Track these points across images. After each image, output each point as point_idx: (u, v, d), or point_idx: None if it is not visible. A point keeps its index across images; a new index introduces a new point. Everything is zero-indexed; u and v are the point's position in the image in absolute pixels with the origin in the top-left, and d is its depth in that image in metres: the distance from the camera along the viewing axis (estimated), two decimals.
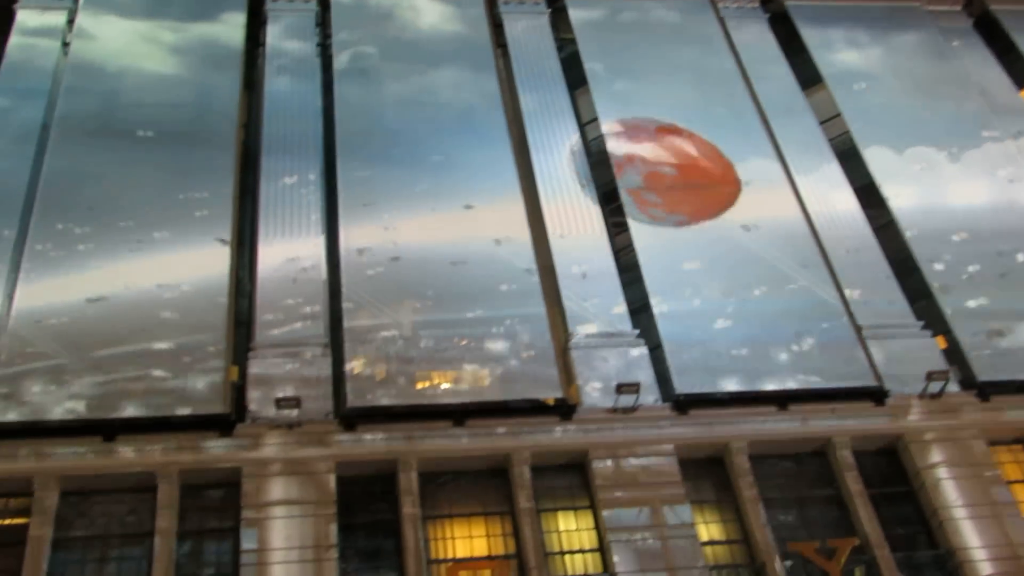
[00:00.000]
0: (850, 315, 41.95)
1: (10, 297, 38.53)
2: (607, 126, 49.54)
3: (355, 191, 44.29)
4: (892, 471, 38.45)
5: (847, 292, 42.70)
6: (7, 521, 33.96)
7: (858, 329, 41.37)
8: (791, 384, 39.43)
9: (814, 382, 39.58)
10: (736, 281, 42.88)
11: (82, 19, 51.05)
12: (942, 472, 37.38)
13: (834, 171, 48.17)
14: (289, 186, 44.07)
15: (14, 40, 49.34)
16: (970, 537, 35.77)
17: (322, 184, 45.00)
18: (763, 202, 46.51)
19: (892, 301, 42.75)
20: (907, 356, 40.49)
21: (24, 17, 50.62)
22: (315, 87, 49.68)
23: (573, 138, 49.07)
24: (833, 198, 46.76)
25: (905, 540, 36.64)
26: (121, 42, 50.46)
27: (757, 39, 55.52)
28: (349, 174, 45.02)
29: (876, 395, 39.30)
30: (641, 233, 44.34)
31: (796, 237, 45.04)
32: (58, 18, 50.93)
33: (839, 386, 39.52)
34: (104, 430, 35.00)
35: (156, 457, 34.61)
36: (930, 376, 38.92)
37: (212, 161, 44.84)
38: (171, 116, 47.12)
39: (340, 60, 51.12)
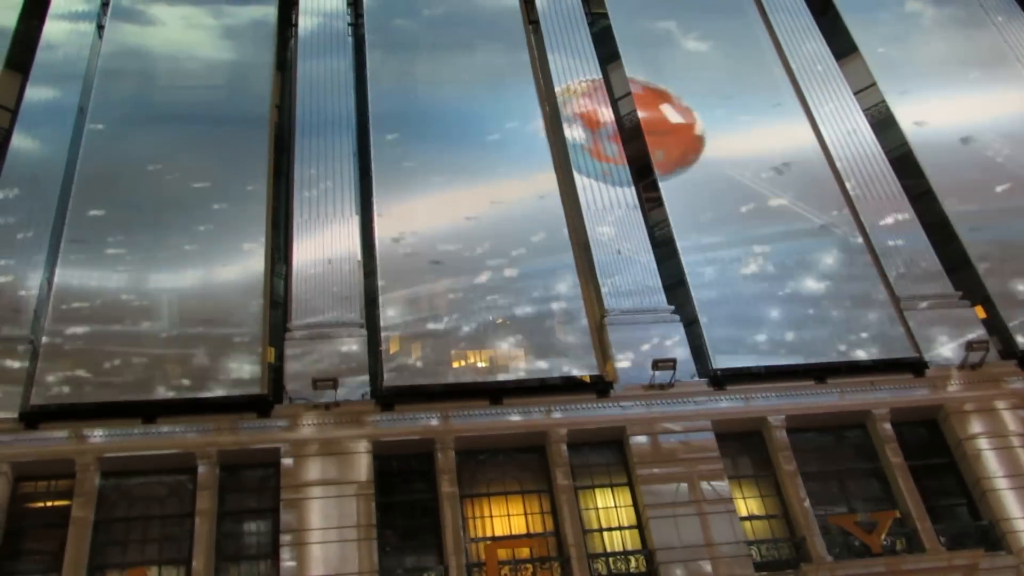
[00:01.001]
0: (888, 286, 41.58)
1: (49, 282, 38.86)
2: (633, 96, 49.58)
3: (389, 170, 44.33)
4: (932, 442, 38.24)
5: (884, 263, 42.26)
6: (50, 503, 34.38)
7: (896, 300, 41.02)
8: (829, 357, 39.23)
9: (852, 355, 39.36)
10: (771, 255, 42.67)
11: (116, 2, 51.16)
12: (983, 443, 37.11)
13: (869, 141, 47.55)
14: (323, 167, 44.11)
15: (50, 24, 49.51)
16: (1013, 507, 35.59)
17: (356, 164, 45.07)
18: (800, 173, 46.07)
19: (930, 271, 42.26)
20: (946, 326, 40.17)
21: (60, 0, 50.77)
22: (347, 67, 49.65)
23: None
24: (869, 169, 46.17)
25: (947, 512, 36.52)
26: (155, 25, 50.69)
27: (790, 8, 54.78)
28: (383, 153, 45.03)
29: (915, 366, 39.03)
30: (676, 207, 44.15)
31: (832, 208, 44.63)
32: (93, 1, 51.00)
33: (878, 358, 39.32)
34: (144, 412, 35.39)
35: (195, 438, 34.94)
36: (970, 346, 38.56)
37: (247, 143, 45.03)
38: (205, 98, 47.42)
39: (372, 39, 51.02)
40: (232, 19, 51.47)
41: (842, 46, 53.00)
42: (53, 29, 49.29)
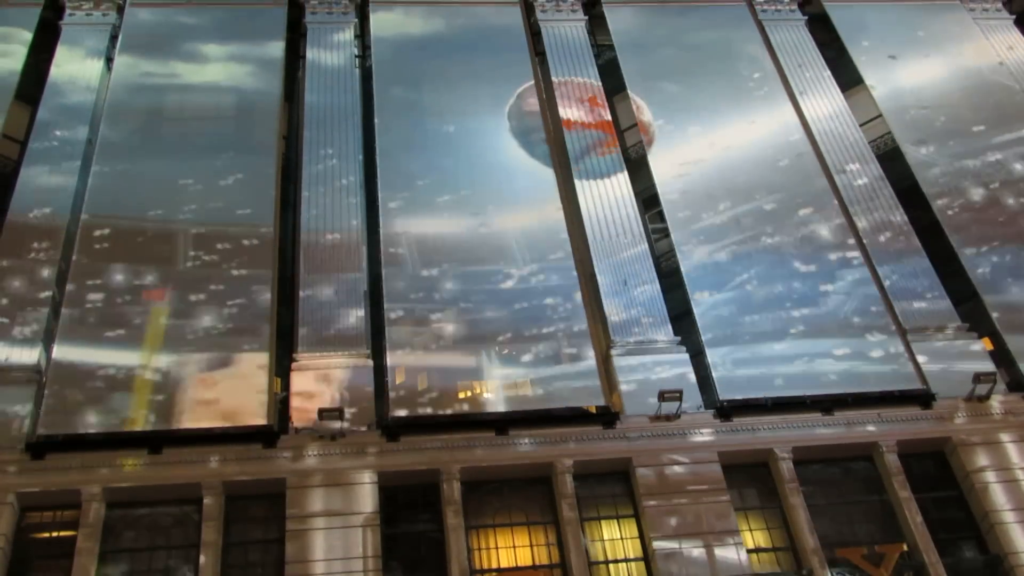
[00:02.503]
0: (895, 318, 41.54)
1: (56, 312, 38.91)
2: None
3: (396, 201, 44.40)
4: (940, 475, 38.06)
5: (891, 295, 42.25)
6: (55, 533, 34.23)
7: (903, 332, 40.97)
8: (835, 389, 39.12)
9: (859, 386, 39.25)
10: (778, 285, 42.67)
11: (125, 36, 51.37)
12: (991, 475, 36.95)
13: (875, 173, 47.57)
14: (329, 198, 44.21)
15: (59, 56, 49.80)
16: (1020, 541, 35.40)
17: (363, 195, 45.16)
18: (806, 205, 46.11)
19: (937, 303, 42.23)
20: (953, 358, 40.10)
21: (69, 33, 51.08)
22: (355, 99, 49.67)
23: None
24: (875, 200, 46.22)
25: (954, 545, 36.27)
26: (163, 58, 50.80)
27: (795, 42, 55.00)
28: (390, 184, 45.11)
29: (923, 398, 38.92)
30: (682, 236, 44.24)
31: (839, 241, 44.65)
32: (102, 34, 51.24)
33: (885, 390, 39.20)
34: (150, 443, 35.31)
35: (201, 469, 34.85)
36: (977, 378, 38.45)
37: (254, 173, 45.03)
38: (213, 129, 47.49)
39: (379, 71, 51.26)
40: (241, 51, 51.63)
41: (848, 78, 53.16)
42: (62, 62, 49.49)
